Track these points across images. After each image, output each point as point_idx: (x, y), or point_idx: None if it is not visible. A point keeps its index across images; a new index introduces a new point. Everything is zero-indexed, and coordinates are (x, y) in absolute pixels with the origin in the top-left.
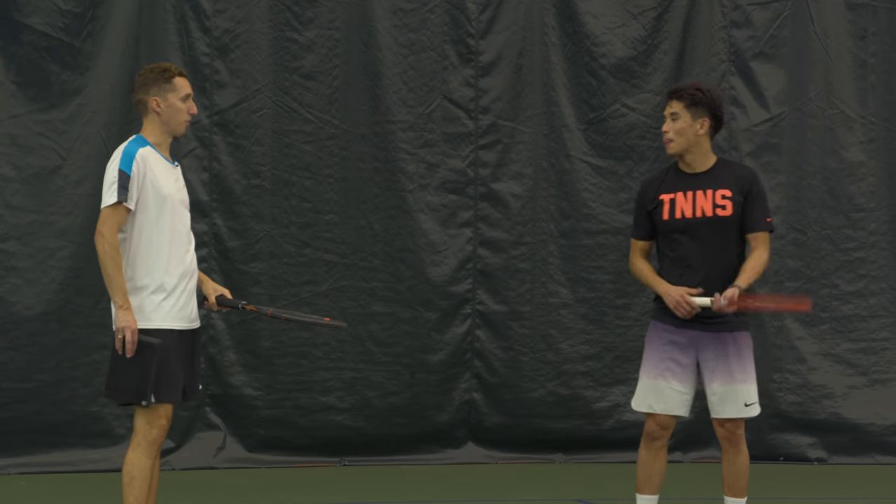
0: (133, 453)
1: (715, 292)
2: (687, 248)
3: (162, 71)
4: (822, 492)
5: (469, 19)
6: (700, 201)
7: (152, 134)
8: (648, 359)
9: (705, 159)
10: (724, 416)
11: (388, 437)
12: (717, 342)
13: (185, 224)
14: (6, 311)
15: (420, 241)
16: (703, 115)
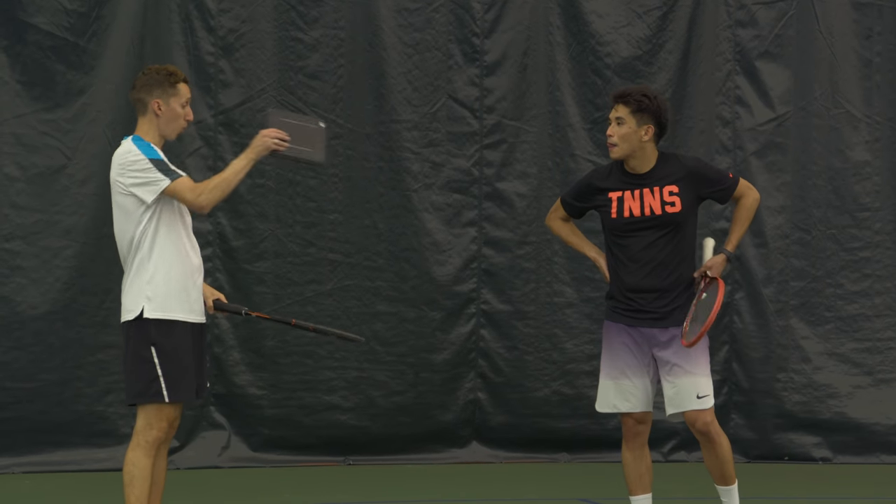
0: (132, 453)
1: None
2: (637, 247)
3: (168, 74)
4: (827, 491)
5: (474, 18)
6: (648, 199)
7: (148, 134)
8: (606, 359)
9: (648, 160)
10: (679, 409)
11: (392, 436)
12: (668, 337)
13: (189, 220)
14: (11, 310)
15: (424, 240)
16: (647, 121)
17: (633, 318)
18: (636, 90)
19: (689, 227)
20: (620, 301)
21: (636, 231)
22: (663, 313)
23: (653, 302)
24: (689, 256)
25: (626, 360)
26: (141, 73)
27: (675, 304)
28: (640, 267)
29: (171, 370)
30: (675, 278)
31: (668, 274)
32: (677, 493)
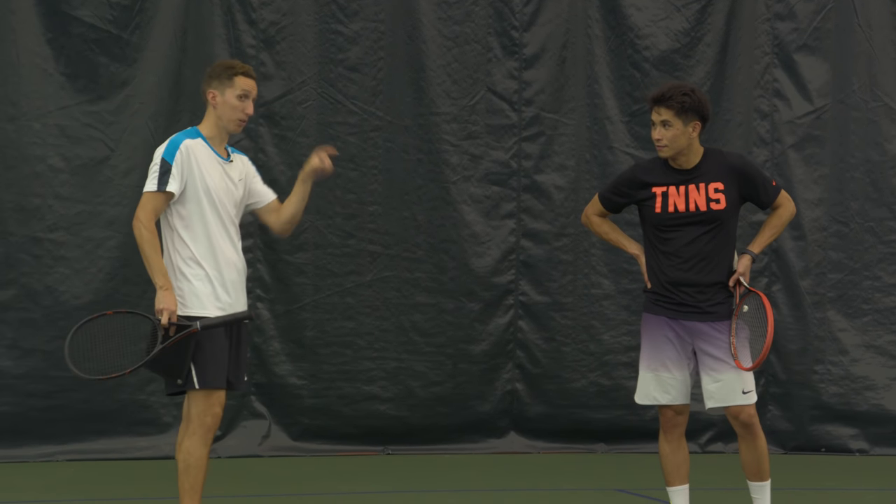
0: (189, 441)
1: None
2: (680, 242)
3: (227, 67)
4: (864, 483)
5: (513, 12)
6: (693, 195)
7: (208, 127)
8: (647, 351)
9: (696, 156)
10: (725, 404)
11: (430, 426)
12: (711, 331)
13: (229, 217)
14: (55, 300)
15: (463, 232)
16: (693, 118)
17: (675, 311)
18: (675, 90)
19: (731, 224)
20: (662, 294)
21: (680, 226)
22: (706, 307)
23: (695, 296)
24: (730, 253)
25: (668, 353)
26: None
27: (717, 300)
28: (684, 261)
29: (199, 359)
30: (717, 273)
31: (711, 269)
32: (714, 484)
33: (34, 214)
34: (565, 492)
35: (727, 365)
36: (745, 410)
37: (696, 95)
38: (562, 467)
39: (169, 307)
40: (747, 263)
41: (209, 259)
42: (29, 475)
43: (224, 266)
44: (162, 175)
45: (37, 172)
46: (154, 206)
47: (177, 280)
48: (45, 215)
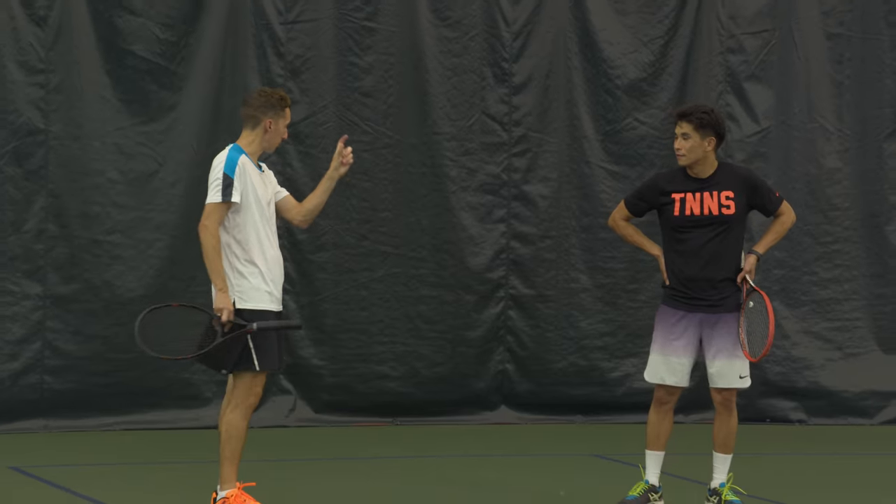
0: (232, 414)
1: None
2: (695, 242)
3: (280, 98)
4: (803, 449)
5: (504, 46)
6: (707, 201)
7: (250, 145)
8: (659, 337)
9: (710, 167)
10: (722, 386)
11: (433, 401)
12: (719, 322)
13: (271, 220)
14: (112, 293)
15: (461, 234)
16: (709, 134)
17: (690, 304)
18: (697, 108)
19: (739, 228)
20: (678, 290)
21: (695, 228)
22: (716, 301)
23: (707, 290)
24: (738, 253)
25: (679, 342)
26: (256, 93)
27: (726, 294)
28: (697, 260)
29: (260, 345)
30: (726, 271)
31: (721, 267)
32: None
33: (95, 220)
34: (549, 457)
35: (730, 352)
36: (731, 392)
37: (714, 115)
38: (546, 436)
39: (228, 307)
40: (753, 262)
41: (260, 258)
42: (90, 442)
43: (272, 263)
44: (225, 188)
45: (97, 184)
46: (220, 215)
47: (236, 279)
48: (104, 221)
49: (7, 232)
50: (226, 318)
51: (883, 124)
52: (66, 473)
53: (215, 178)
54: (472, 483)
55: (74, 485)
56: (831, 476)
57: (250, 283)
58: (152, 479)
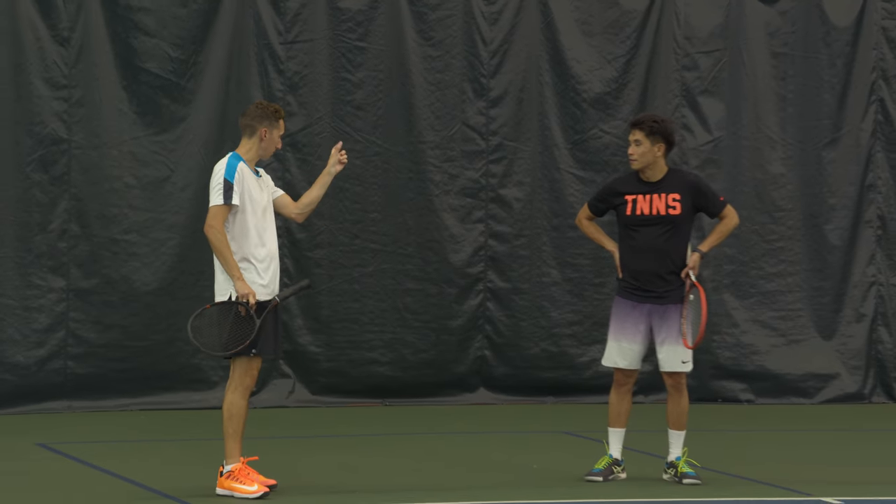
0: (232, 395)
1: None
2: (644, 239)
3: (275, 111)
4: (751, 426)
5: (482, 63)
6: (656, 202)
7: (247, 153)
8: (614, 326)
9: (660, 171)
10: (667, 370)
11: (419, 383)
12: (665, 312)
13: (266, 219)
14: (129, 287)
15: (444, 233)
16: (659, 141)
17: (639, 296)
18: (648, 117)
19: (685, 227)
20: (630, 282)
21: (645, 226)
22: (663, 292)
23: (655, 283)
24: (683, 250)
25: (630, 329)
26: (253, 105)
27: (672, 287)
28: (647, 255)
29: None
30: (672, 266)
31: (668, 262)
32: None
33: (113, 220)
34: (523, 434)
35: (674, 340)
36: (678, 375)
37: (664, 124)
38: (520, 414)
39: (250, 291)
40: (697, 259)
41: (256, 255)
42: (109, 421)
43: (268, 259)
44: (226, 191)
45: (115, 188)
46: (223, 216)
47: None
48: (121, 221)
49: (34, 231)
50: (253, 302)
51: (822, 134)
52: (87, 449)
53: (217, 182)
54: (453, 457)
55: (95, 459)
56: (776, 450)
57: (247, 277)
58: (165, 453)
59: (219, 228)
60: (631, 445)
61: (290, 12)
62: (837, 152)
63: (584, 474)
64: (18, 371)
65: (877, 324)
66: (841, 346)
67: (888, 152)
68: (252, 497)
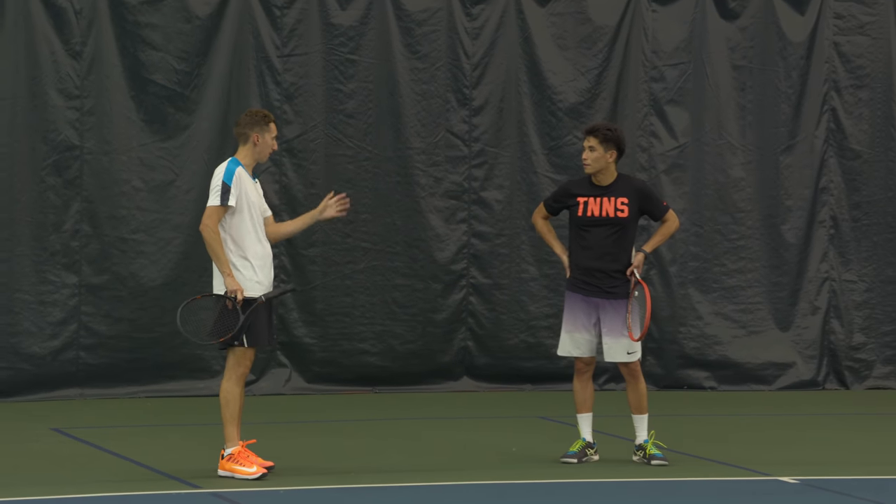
0: (227, 383)
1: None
2: (593, 238)
3: (264, 116)
4: (714, 411)
5: (465, 75)
6: (605, 205)
7: (244, 158)
8: (566, 319)
9: (611, 176)
10: (612, 359)
11: (406, 373)
12: (611, 307)
13: (261, 221)
14: (137, 282)
15: (429, 233)
16: (611, 147)
17: (588, 290)
18: (602, 126)
19: (632, 229)
20: (579, 278)
21: (594, 227)
22: (609, 288)
23: (602, 279)
24: (629, 250)
25: (581, 321)
26: (244, 114)
27: (618, 283)
28: (595, 253)
29: (250, 325)
30: (618, 264)
31: (615, 260)
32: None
33: (122, 221)
34: (503, 419)
35: (618, 332)
36: (631, 364)
37: (616, 132)
38: (501, 401)
39: (239, 287)
40: (641, 259)
41: (252, 253)
42: (119, 408)
43: (263, 258)
44: (223, 193)
45: (123, 191)
46: (218, 216)
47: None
48: (129, 222)
49: (48, 231)
50: (240, 298)
51: (779, 141)
52: (98, 433)
53: (216, 185)
54: (438, 441)
55: (105, 442)
56: (738, 433)
57: (243, 275)
58: (170, 437)
59: (213, 227)
60: (604, 430)
61: (287, 28)
62: (793, 158)
63: (560, 456)
64: (34, 361)
65: (830, 316)
66: (797, 337)
67: (840, 158)
68: (251, 478)
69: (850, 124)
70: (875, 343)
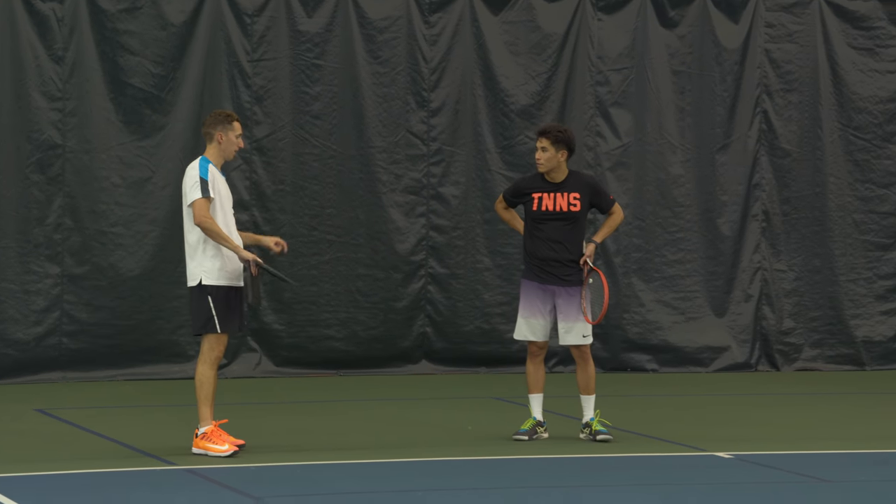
0: (202, 367)
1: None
2: (549, 231)
3: (227, 116)
4: (656, 391)
5: (423, 79)
6: (559, 200)
7: (213, 156)
8: (523, 304)
9: (562, 174)
10: (568, 343)
11: (369, 357)
12: (566, 293)
13: (230, 214)
14: (116, 273)
15: (390, 226)
16: (562, 147)
17: (543, 278)
18: (553, 127)
19: (583, 221)
20: (535, 267)
21: (549, 220)
22: (563, 276)
23: (557, 268)
24: (581, 241)
25: (537, 307)
26: (210, 115)
27: (572, 271)
28: (550, 244)
29: (220, 312)
30: (572, 254)
31: (568, 251)
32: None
33: (101, 215)
34: (459, 399)
35: (574, 317)
36: (582, 348)
37: (567, 133)
38: (457, 383)
39: (253, 257)
40: (592, 249)
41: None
42: (99, 390)
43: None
44: (203, 187)
45: (103, 187)
46: (207, 207)
47: (202, 260)
48: (108, 216)
49: (32, 225)
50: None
51: (715, 141)
52: (79, 414)
53: (193, 182)
54: (399, 420)
55: (86, 423)
56: (677, 412)
57: (213, 264)
58: (148, 418)
59: (207, 217)
60: (553, 410)
61: (257, 34)
62: (728, 156)
63: (512, 434)
64: (19, 346)
65: (761, 303)
66: (731, 323)
67: (771, 156)
68: (223, 455)
69: (781, 125)
70: (803, 328)
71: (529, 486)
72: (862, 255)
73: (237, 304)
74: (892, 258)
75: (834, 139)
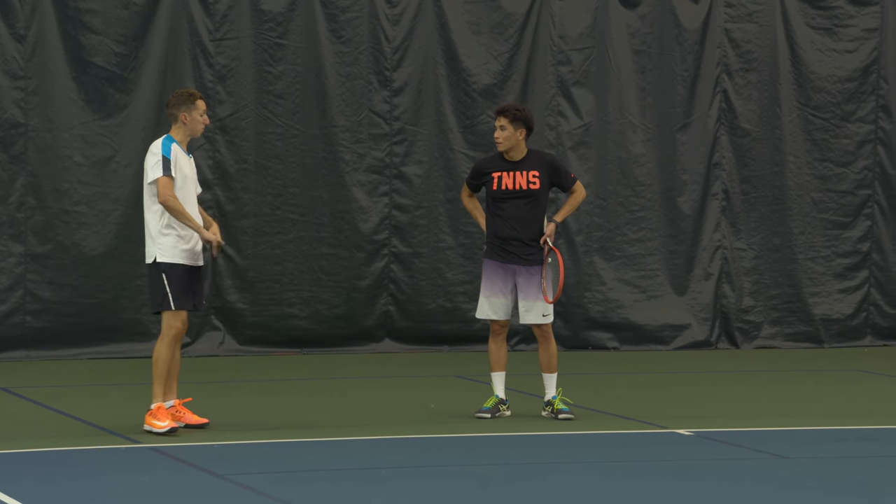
0: (159, 344)
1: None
2: (509, 210)
3: (189, 95)
4: (617, 369)
5: (386, 58)
6: (518, 179)
7: (178, 135)
8: (484, 284)
9: (521, 152)
10: (529, 322)
11: (332, 335)
12: (527, 273)
13: (193, 193)
14: (79, 252)
15: (353, 205)
16: (521, 126)
17: (505, 258)
18: (511, 106)
19: (543, 199)
20: (496, 246)
21: (509, 199)
22: (524, 255)
23: (518, 248)
24: (542, 220)
25: (498, 286)
26: (172, 95)
27: (533, 251)
28: (511, 223)
29: (174, 290)
30: (532, 233)
31: (529, 229)
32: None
33: (64, 194)
34: (422, 377)
35: (534, 296)
36: (543, 327)
37: (525, 112)
38: (420, 362)
39: (212, 238)
40: (553, 228)
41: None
42: (63, 369)
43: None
44: (165, 166)
45: (66, 166)
46: (171, 185)
47: (159, 237)
48: (71, 195)
49: None
50: (216, 247)
51: (675, 120)
52: (43, 392)
53: (156, 160)
54: (362, 398)
55: (50, 401)
56: (638, 390)
57: (170, 241)
58: (110, 396)
59: (171, 195)
60: (515, 388)
61: (219, 13)
62: (688, 135)
63: (475, 412)
64: None
65: (721, 282)
66: (692, 301)
67: (731, 136)
68: (160, 432)
69: (740, 105)
70: (763, 306)
71: (492, 464)
72: (820, 234)
73: (195, 282)
74: (850, 236)
75: (793, 118)
